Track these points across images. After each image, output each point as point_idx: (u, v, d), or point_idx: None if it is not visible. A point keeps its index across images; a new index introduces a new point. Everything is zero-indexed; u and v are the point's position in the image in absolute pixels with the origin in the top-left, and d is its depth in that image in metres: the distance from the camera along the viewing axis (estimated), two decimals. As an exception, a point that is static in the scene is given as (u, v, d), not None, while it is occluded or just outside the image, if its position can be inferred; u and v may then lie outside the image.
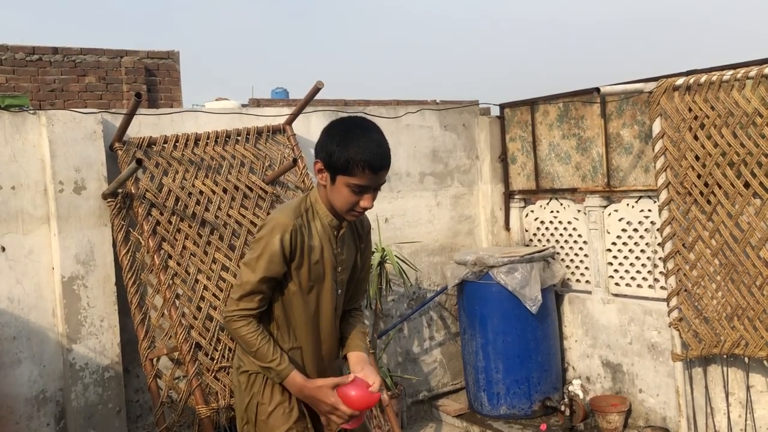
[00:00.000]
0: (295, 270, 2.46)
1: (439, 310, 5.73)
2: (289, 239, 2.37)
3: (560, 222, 5.37)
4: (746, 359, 4.12)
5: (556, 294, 5.31)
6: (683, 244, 4.22)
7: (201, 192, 4.30)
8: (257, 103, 14.63)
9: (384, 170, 2.34)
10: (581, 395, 5.01)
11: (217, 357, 4.02)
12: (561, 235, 5.38)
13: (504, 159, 5.77)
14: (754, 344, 3.93)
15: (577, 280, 5.30)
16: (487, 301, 5.13)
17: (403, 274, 5.17)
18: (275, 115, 4.84)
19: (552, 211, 5.43)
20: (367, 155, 2.26)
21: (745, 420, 4.16)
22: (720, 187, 4.01)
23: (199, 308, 4.10)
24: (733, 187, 3.95)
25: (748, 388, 4.15)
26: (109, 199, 4.09)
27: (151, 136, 4.28)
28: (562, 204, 5.34)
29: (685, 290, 4.24)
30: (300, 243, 2.41)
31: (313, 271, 2.47)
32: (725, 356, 4.18)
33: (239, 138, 4.57)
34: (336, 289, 2.58)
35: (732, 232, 3.99)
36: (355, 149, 2.26)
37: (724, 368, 4.24)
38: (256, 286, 2.40)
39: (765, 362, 4.05)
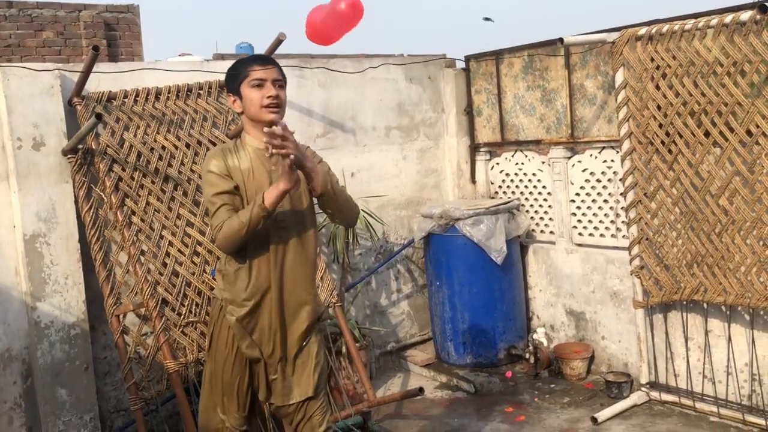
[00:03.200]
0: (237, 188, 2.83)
1: (407, 263, 5.77)
2: (218, 163, 2.79)
3: (525, 174, 5.41)
4: (705, 305, 4.22)
5: (520, 245, 5.37)
6: (645, 194, 4.28)
7: (163, 147, 4.25)
8: (221, 57, 14.36)
9: (269, 64, 2.81)
10: (545, 343, 5.11)
11: (184, 312, 4.02)
12: (526, 186, 5.42)
13: (469, 112, 5.77)
14: (713, 290, 4.03)
15: (542, 231, 5.36)
16: (453, 253, 5.18)
17: (370, 228, 5.19)
18: (238, 69, 4.76)
19: (517, 164, 5.46)
20: (248, 58, 2.85)
21: (704, 363, 4.29)
22: (681, 136, 4.07)
23: (164, 264, 4.07)
24: (694, 136, 4.01)
25: (706, 332, 4.26)
26: (69, 156, 4.02)
27: (110, 91, 4.20)
28: (526, 156, 5.37)
29: (647, 239, 4.32)
30: (229, 165, 2.80)
31: (248, 187, 2.81)
32: (685, 302, 4.28)
33: (201, 92, 4.50)
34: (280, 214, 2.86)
35: (692, 181, 4.06)
36: (241, 62, 2.85)
37: (684, 314, 4.34)
38: (219, 200, 2.76)
39: (723, 307, 4.16)
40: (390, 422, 4.54)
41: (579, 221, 5.05)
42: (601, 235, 4.92)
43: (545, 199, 5.28)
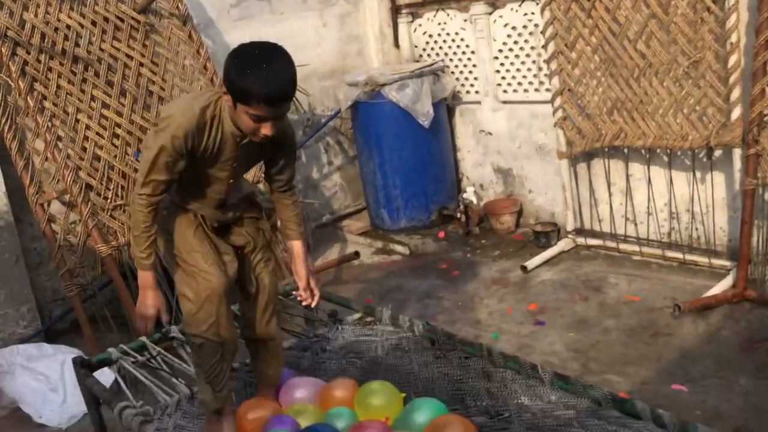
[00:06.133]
0: (189, 157, 2.43)
1: (335, 134, 5.74)
2: (182, 140, 2.32)
3: (448, 34, 5.34)
4: (626, 150, 4.35)
5: (447, 107, 5.38)
6: (565, 44, 4.30)
7: (68, 26, 4.03)
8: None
9: (282, 103, 2.28)
10: (475, 201, 5.22)
11: (110, 196, 3.96)
12: (450, 47, 5.37)
13: (388, -27, 5.60)
14: (633, 134, 4.15)
15: (467, 92, 5.36)
16: (381, 120, 5.17)
17: (295, 101, 5.10)
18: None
19: (440, 23, 5.37)
20: (263, 88, 2.19)
21: (626, 207, 4.46)
22: (597, -18, 4.05)
23: (84, 149, 3.96)
24: (609, -19, 4.00)
25: (627, 177, 4.41)
26: (-34, 41, 3.78)
27: (2, -32, 3.92)
28: (448, 15, 5.28)
29: (569, 89, 4.38)
30: (195, 142, 2.36)
31: (207, 153, 2.42)
32: (607, 149, 4.40)
33: (102, -36, 4.24)
34: (233, 164, 2.53)
35: (610, 27, 4.08)
36: (252, 80, 2.19)
37: (606, 161, 4.47)
38: (153, 177, 2.36)
39: (642, 151, 4.29)
40: (329, 288, 4.64)
41: (503, 78, 5.06)
42: (525, 91, 4.95)
43: (469, 59, 5.26)
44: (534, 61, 4.82)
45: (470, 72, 5.29)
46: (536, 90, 4.88)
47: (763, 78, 3.49)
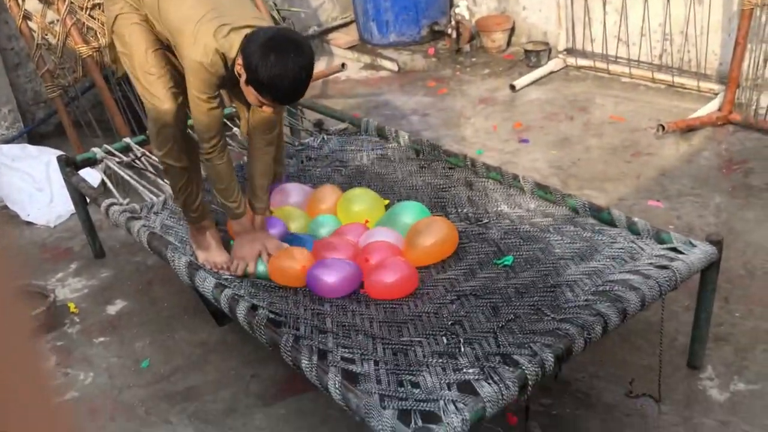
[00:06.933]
0: None
1: (324, -61, 5.46)
2: (219, 81, 2.32)
3: None
4: (625, -34, 4.18)
5: None
6: None
7: None
8: None
9: (291, 102, 2.43)
10: (467, 17, 5.07)
11: (88, -6, 3.80)
12: None
13: None
14: (634, -51, 3.97)
15: None
16: (373, -75, 4.90)
17: None
18: None
19: None
20: (278, 89, 2.19)
21: (620, 27, 4.36)
22: None
23: (58, -59, 3.75)
24: None
25: (625, -5, 4.28)
26: None
27: None
28: None
29: None
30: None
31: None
32: (606, -36, 4.23)
33: None
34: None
35: None
36: (271, 78, 2.15)
37: (604, -23, 4.31)
38: (214, 129, 2.37)
39: (642, -32, 4.13)
40: (316, 101, 4.60)
41: None
42: None
43: None
44: None
45: None
46: None
47: None
